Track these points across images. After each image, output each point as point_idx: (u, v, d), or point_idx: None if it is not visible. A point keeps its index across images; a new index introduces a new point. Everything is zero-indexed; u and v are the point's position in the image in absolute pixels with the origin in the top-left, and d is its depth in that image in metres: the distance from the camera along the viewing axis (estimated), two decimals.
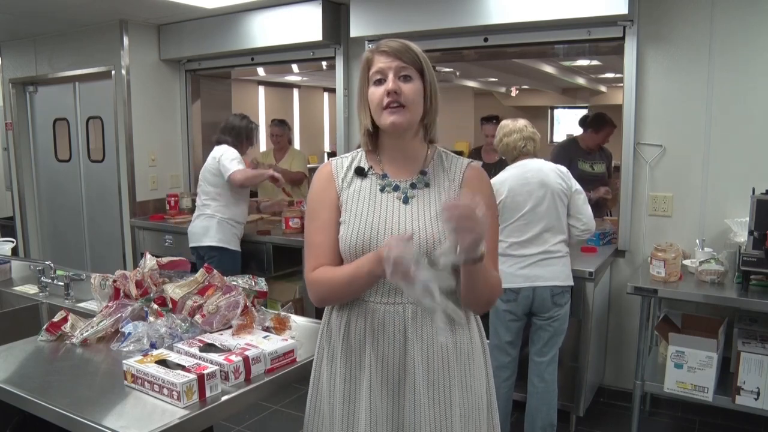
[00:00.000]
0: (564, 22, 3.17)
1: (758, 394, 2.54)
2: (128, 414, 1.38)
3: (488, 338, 2.02)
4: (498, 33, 3.41)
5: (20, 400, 1.46)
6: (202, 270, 2.00)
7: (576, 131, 4.50)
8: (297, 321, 1.96)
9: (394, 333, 1.40)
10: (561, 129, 11.01)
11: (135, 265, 3.28)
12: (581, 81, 8.43)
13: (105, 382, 1.55)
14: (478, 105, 10.21)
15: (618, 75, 7.08)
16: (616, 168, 3.58)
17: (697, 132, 3.06)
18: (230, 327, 1.78)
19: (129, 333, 1.75)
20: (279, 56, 4.31)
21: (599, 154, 4.15)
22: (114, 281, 2.05)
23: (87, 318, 1.89)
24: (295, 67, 5.83)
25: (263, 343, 1.65)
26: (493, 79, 8.90)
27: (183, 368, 1.44)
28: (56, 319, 1.85)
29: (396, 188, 1.45)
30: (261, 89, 8.26)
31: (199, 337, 1.69)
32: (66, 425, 1.36)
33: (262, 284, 2.03)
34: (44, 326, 1.84)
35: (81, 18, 4.38)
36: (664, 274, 2.71)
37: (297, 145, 8.26)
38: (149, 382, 1.43)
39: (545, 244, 2.68)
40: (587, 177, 3.84)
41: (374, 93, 1.39)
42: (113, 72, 4.53)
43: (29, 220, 5.54)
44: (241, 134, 3.73)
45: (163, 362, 1.48)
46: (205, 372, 1.42)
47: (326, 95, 9.29)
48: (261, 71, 5.77)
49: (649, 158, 3.19)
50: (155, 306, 1.90)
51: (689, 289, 2.66)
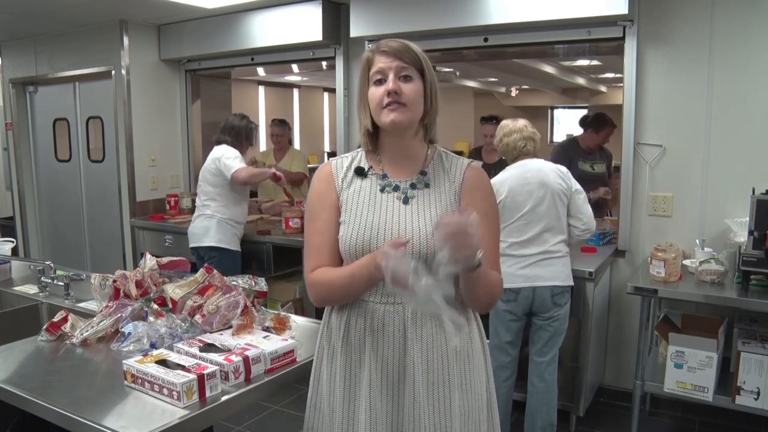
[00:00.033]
0: (564, 22, 3.17)
1: (758, 394, 2.54)
2: (128, 414, 1.38)
3: (488, 338, 2.01)
4: (498, 33, 3.41)
5: (20, 400, 1.46)
6: (202, 270, 2.00)
7: (576, 131, 4.49)
8: (297, 321, 1.96)
9: (394, 333, 1.41)
10: (561, 129, 11.01)
11: (135, 265, 3.28)
12: (581, 81, 8.43)
13: (105, 382, 1.55)
14: (478, 105, 10.21)
15: (618, 75, 7.08)
16: (616, 168, 3.58)
17: (697, 132, 3.06)
18: (230, 327, 1.78)
19: (129, 333, 1.75)
20: (279, 56, 4.32)
21: (599, 154, 4.14)
22: (114, 281, 2.05)
23: (87, 318, 1.89)
24: (295, 67, 5.83)
25: (263, 343, 1.65)
26: (493, 79, 8.90)
27: (183, 368, 1.44)
28: (56, 319, 1.85)
29: (396, 188, 1.45)
30: (261, 89, 8.26)
31: (199, 337, 1.69)
32: (66, 425, 1.36)
33: (262, 284, 2.03)
34: (44, 326, 1.84)
35: (81, 18, 4.38)
36: (664, 274, 2.71)
37: (297, 145, 8.26)
38: (149, 382, 1.43)
39: (545, 244, 2.68)
40: (587, 177, 3.84)
41: (374, 93, 1.39)
42: (113, 72, 4.53)
43: (29, 220, 5.54)
44: (241, 134, 3.73)
45: (163, 362, 1.48)
46: (205, 372, 1.42)
47: (326, 95, 9.29)
48: (261, 71, 5.76)
49: (649, 158, 3.19)
50: (155, 306, 1.90)
51: (689, 289, 2.66)
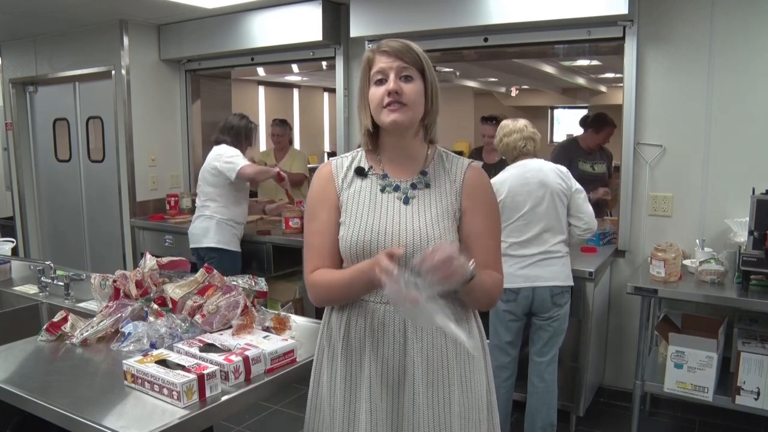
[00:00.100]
0: (564, 22, 3.17)
1: (758, 394, 2.54)
2: (128, 414, 1.38)
3: (488, 338, 2.01)
4: (498, 33, 3.41)
5: (20, 400, 1.46)
6: (202, 270, 2.00)
7: (576, 131, 4.49)
8: (297, 321, 1.96)
9: (394, 333, 1.41)
10: (561, 129, 11.02)
11: (135, 265, 3.28)
12: (581, 81, 8.43)
13: (105, 382, 1.55)
14: (478, 105, 10.21)
15: (618, 75, 7.08)
16: (616, 168, 3.58)
17: (697, 132, 3.06)
18: (230, 327, 1.78)
19: (129, 333, 1.75)
20: (279, 56, 4.31)
21: (600, 154, 4.14)
22: (114, 281, 2.05)
23: (87, 318, 1.89)
24: (295, 67, 5.83)
25: (263, 343, 1.65)
26: (493, 79, 8.90)
27: (183, 368, 1.44)
28: (56, 319, 1.85)
29: (396, 188, 1.45)
30: (261, 89, 8.26)
31: (199, 337, 1.69)
32: (66, 425, 1.36)
33: (262, 284, 2.03)
34: (44, 326, 1.84)
35: (81, 18, 4.38)
36: (664, 274, 2.71)
37: (297, 145, 8.26)
38: (149, 382, 1.43)
39: (545, 245, 2.68)
40: (588, 177, 3.83)
41: (375, 93, 1.39)
42: (113, 72, 4.53)
43: (29, 220, 5.54)
44: (241, 134, 3.71)
45: (163, 362, 1.48)
46: (205, 372, 1.42)
47: (326, 95, 9.29)
48: (261, 71, 5.76)
49: (649, 158, 3.19)
50: (155, 306, 1.90)
51: (689, 289, 2.66)
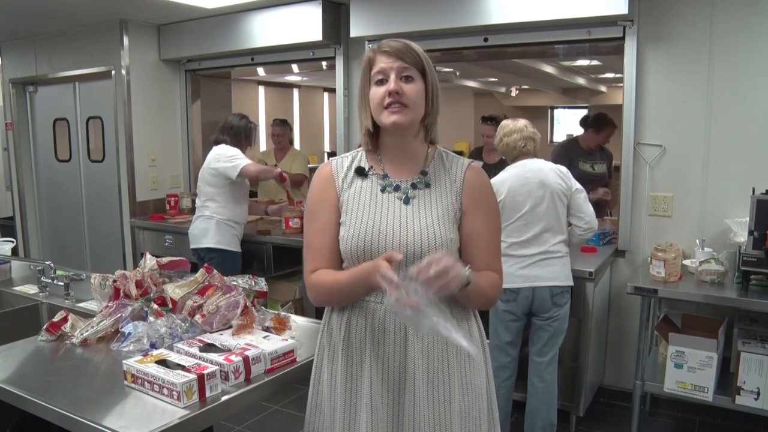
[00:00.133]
0: (564, 22, 3.17)
1: (758, 394, 2.54)
2: (128, 414, 1.38)
3: (488, 338, 2.01)
4: (498, 33, 3.41)
5: (20, 400, 1.46)
6: (202, 270, 2.00)
7: (576, 131, 4.49)
8: (297, 321, 1.96)
9: (395, 333, 1.41)
10: (561, 129, 11.02)
11: (135, 265, 3.28)
12: (581, 81, 8.43)
13: (105, 382, 1.55)
14: (478, 105, 10.22)
15: (618, 75, 7.08)
16: (616, 168, 3.57)
17: (697, 132, 3.06)
18: (230, 327, 1.78)
19: (129, 333, 1.75)
20: (279, 56, 4.31)
21: (600, 154, 4.14)
22: (114, 281, 2.05)
23: (87, 318, 1.89)
24: (295, 67, 5.83)
25: (263, 343, 1.65)
26: (493, 79, 8.90)
27: (183, 368, 1.44)
28: (56, 319, 1.85)
29: (397, 188, 1.45)
30: (261, 89, 8.26)
31: (199, 337, 1.69)
32: (66, 425, 1.36)
33: (262, 284, 2.03)
34: (44, 326, 1.84)
35: (81, 18, 4.38)
36: (664, 274, 2.70)
37: (297, 145, 8.26)
38: (149, 382, 1.43)
39: (545, 245, 2.68)
40: (588, 177, 3.83)
41: (375, 93, 1.39)
42: (113, 72, 4.53)
43: (29, 220, 5.54)
44: (240, 134, 3.70)
45: (163, 362, 1.48)
46: (205, 372, 1.42)
47: (326, 95, 9.29)
48: (261, 71, 5.76)
49: (649, 158, 3.19)
50: (155, 306, 1.90)
51: (689, 289, 2.66)
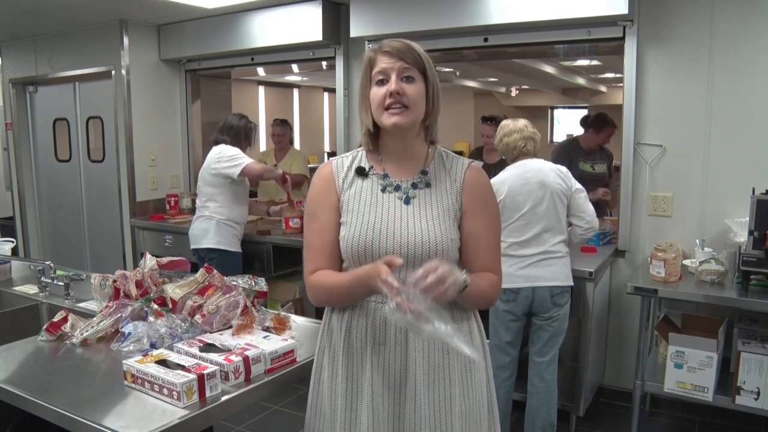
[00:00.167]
0: (564, 22, 3.17)
1: (758, 394, 2.54)
2: (128, 414, 1.38)
3: (488, 338, 2.01)
4: (498, 33, 3.41)
5: (20, 400, 1.46)
6: (202, 270, 2.00)
7: (576, 131, 4.49)
8: (297, 321, 1.96)
9: (396, 333, 1.41)
10: (561, 129, 11.03)
11: (135, 265, 3.28)
12: (581, 81, 8.43)
13: (105, 382, 1.55)
14: (478, 105, 10.22)
15: (618, 75, 7.08)
16: (616, 168, 3.58)
17: (697, 132, 3.06)
18: (230, 327, 1.78)
19: (129, 333, 1.75)
20: (279, 56, 4.31)
21: (600, 154, 4.14)
22: (114, 281, 2.05)
23: (87, 318, 1.89)
24: (295, 67, 5.83)
25: (263, 343, 1.65)
26: (493, 79, 8.91)
27: (183, 368, 1.44)
28: (56, 319, 1.85)
29: (397, 188, 1.45)
30: (261, 89, 8.26)
31: (199, 337, 1.69)
32: (66, 425, 1.36)
33: (262, 284, 2.03)
34: (44, 326, 1.84)
35: (81, 18, 4.38)
36: (664, 274, 2.70)
37: (297, 145, 8.26)
38: (149, 382, 1.43)
39: (545, 245, 2.68)
40: (588, 177, 3.83)
41: (376, 93, 1.39)
42: (113, 72, 4.52)
43: (29, 220, 5.54)
44: (240, 134, 3.70)
45: (163, 362, 1.48)
46: (205, 372, 1.42)
47: (326, 95, 9.29)
48: (261, 71, 5.76)
49: (649, 158, 3.19)
50: (155, 306, 1.90)
51: (689, 289, 2.66)
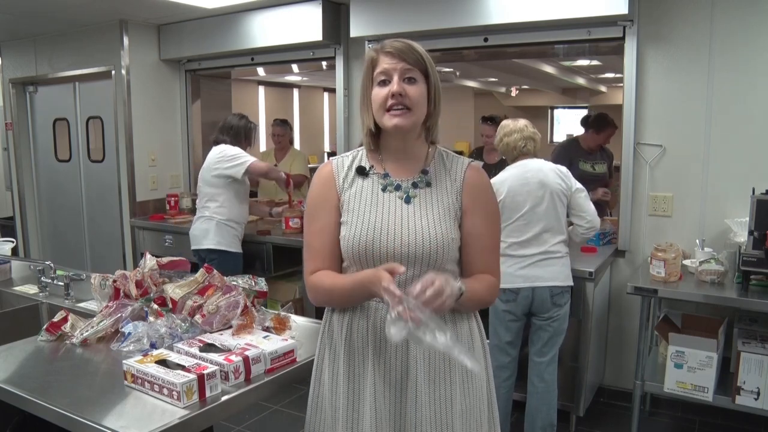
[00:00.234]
0: (564, 22, 3.17)
1: (758, 394, 2.54)
2: (128, 414, 1.38)
3: (488, 338, 2.01)
4: (498, 33, 3.41)
5: (20, 400, 1.46)
6: (202, 270, 2.00)
7: (576, 131, 4.49)
8: (297, 321, 1.96)
9: None
10: (561, 129, 11.04)
11: (135, 265, 3.28)
12: (581, 81, 8.43)
13: (105, 382, 1.55)
14: (478, 105, 10.23)
15: (618, 75, 7.08)
16: (616, 168, 3.58)
17: (697, 132, 3.06)
18: (230, 327, 1.78)
19: (129, 333, 1.75)
20: (279, 56, 4.31)
21: (600, 155, 4.14)
22: (114, 281, 2.05)
23: (87, 318, 1.89)
24: (295, 67, 5.83)
25: (263, 343, 1.65)
26: (493, 79, 8.91)
27: (183, 368, 1.44)
28: (56, 319, 1.85)
29: (398, 188, 1.45)
30: (261, 89, 8.26)
31: (199, 337, 1.69)
32: (66, 425, 1.36)
33: (262, 284, 2.03)
34: (44, 326, 1.84)
35: (81, 18, 4.38)
36: (664, 274, 2.70)
37: (297, 145, 8.26)
38: (149, 382, 1.43)
39: (545, 245, 2.68)
40: (588, 177, 3.83)
41: (378, 94, 1.39)
42: (113, 72, 4.53)
43: (29, 220, 5.54)
44: (240, 134, 3.69)
45: (163, 362, 1.48)
46: (205, 372, 1.42)
47: (326, 95, 9.29)
48: (261, 71, 5.76)
49: (649, 158, 3.19)
50: (155, 306, 1.90)
51: (689, 289, 2.66)
